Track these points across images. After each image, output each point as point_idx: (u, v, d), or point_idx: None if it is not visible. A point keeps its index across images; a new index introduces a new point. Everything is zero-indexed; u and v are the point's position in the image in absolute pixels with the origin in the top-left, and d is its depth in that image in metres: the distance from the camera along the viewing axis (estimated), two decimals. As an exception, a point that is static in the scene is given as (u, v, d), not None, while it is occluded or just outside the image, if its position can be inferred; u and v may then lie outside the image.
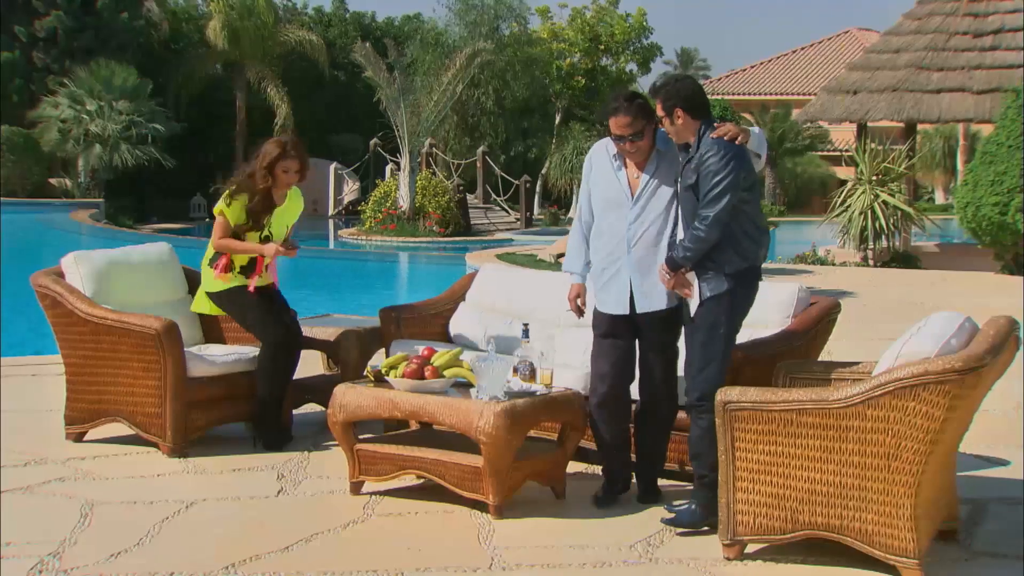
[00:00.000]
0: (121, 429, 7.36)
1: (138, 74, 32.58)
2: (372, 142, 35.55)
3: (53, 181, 32.60)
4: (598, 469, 6.39)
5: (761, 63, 51.86)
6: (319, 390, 7.62)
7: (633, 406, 6.19)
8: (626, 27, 38.72)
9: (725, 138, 5.58)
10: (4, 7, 32.90)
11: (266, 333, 7.23)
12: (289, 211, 7.43)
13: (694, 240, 5.57)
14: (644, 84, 40.88)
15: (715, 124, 5.67)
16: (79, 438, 7.38)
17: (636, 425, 6.19)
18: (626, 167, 5.95)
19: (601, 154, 6.06)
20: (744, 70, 51.54)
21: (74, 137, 31.34)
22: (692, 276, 5.65)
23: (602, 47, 39.09)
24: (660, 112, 5.68)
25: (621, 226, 5.91)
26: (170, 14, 38.67)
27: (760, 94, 47.62)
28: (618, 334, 6.00)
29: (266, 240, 7.29)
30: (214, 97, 37.63)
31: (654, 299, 5.89)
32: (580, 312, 6.19)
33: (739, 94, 46.90)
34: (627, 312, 5.93)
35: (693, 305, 5.70)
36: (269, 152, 7.19)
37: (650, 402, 6.11)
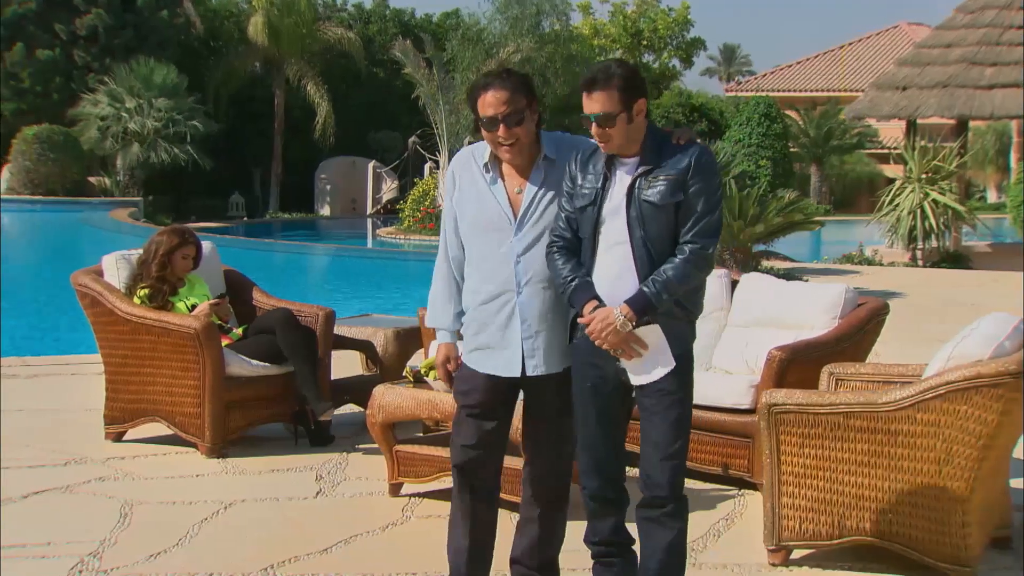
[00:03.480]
0: (160, 429, 7.35)
1: (177, 72, 32.71)
2: (411, 140, 35.56)
3: (92, 179, 32.76)
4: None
5: (807, 59, 51.28)
6: (358, 391, 7.59)
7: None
8: (668, 21, 38.54)
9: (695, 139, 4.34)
10: (45, 5, 33.12)
11: (270, 325, 7.33)
12: (198, 286, 7.57)
13: (686, 275, 4.11)
14: (688, 81, 40.75)
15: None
16: (118, 438, 7.38)
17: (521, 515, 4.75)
18: (503, 179, 4.45)
19: (467, 165, 4.54)
20: (790, 66, 51.05)
21: (113, 135, 31.49)
22: (649, 330, 4.17)
23: (644, 43, 38.95)
24: (610, 107, 4.15)
25: (503, 258, 4.40)
26: (210, 12, 38.81)
27: (806, 90, 47.04)
28: (497, 404, 4.52)
29: (193, 308, 7.39)
30: (253, 95, 37.74)
31: (554, 356, 4.42)
32: (452, 386, 4.66)
33: (784, 91, 46.34)
34: (516, 374, 4.44)
35: (641, 369, 4.23)
36: (167, 242, 7.41)
37: (539, 485, 4.65)
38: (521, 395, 4.56)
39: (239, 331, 7.45)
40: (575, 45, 37.36)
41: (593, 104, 4.21)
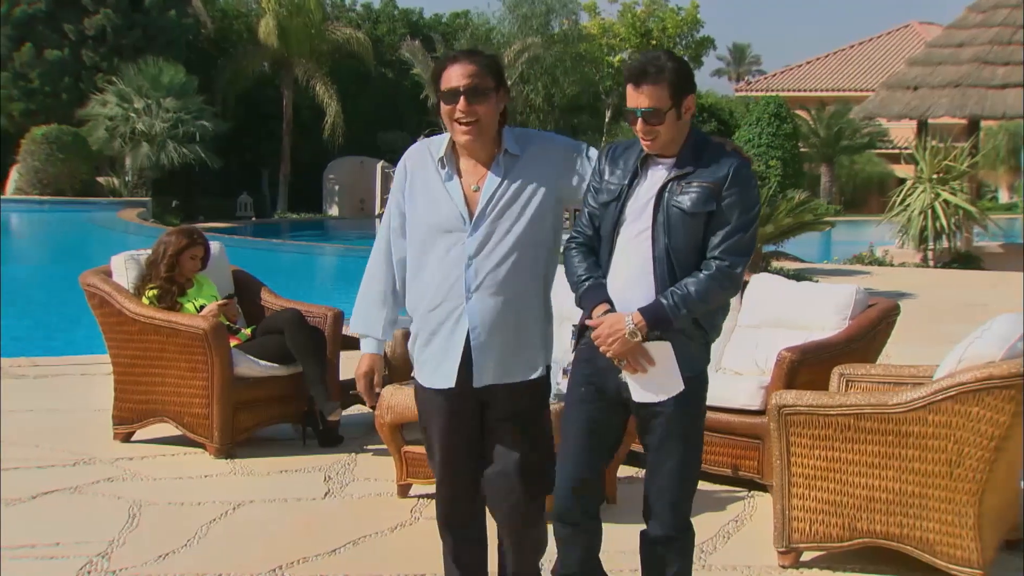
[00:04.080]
0: (168, 429, 7.35)
1: (186, 72, 32.74)
2: (419, 140, 35.52)
3: (101, 180, 32.80)
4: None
5: (817, 58, 51.14)
6: (367, 391, 7.57)
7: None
8: (678, 20, 38.50)
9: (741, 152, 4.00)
10: (54, 5, 33.17)
11: (279, 325, 7.33)
12: (207, 286, 7.55)
13: (709, 292, 3.81)
14: (697, 80, 40.75)
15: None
16: (127, 438, 7.38)
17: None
18: (459, 175, 4.11)
19: (421, 159, 4.21)
20: (800, 66, 50.94)
21: (121, 135, 31.50)
22: (659, 346, 3.85)
23: (653, 42, 38.91)
24: (660, 102, 3.85)
25: (454, 261, 4.05)
26: (218, 12, 38.85)
27: (816, 90, 46.90)
28: (463, 425, 4.15)
29: (201, 308, 7.37)
30: (261, 95, 37.75)
31: (509, 366, 4.08)
32: (373, 399, 4.49)
33: (795, 90, 46.22)
34: (452, 385, 4.08)
35: (645, 386, 3.91)
36: (175, 242, 7.40)
37: (494, 505, 4.23)
38: None
39: (247, 331, 7.45)
40: (584, 45, 37.34)
41: (641, 98, 3.87)
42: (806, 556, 5.24)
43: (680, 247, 3.85)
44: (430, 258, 4.10)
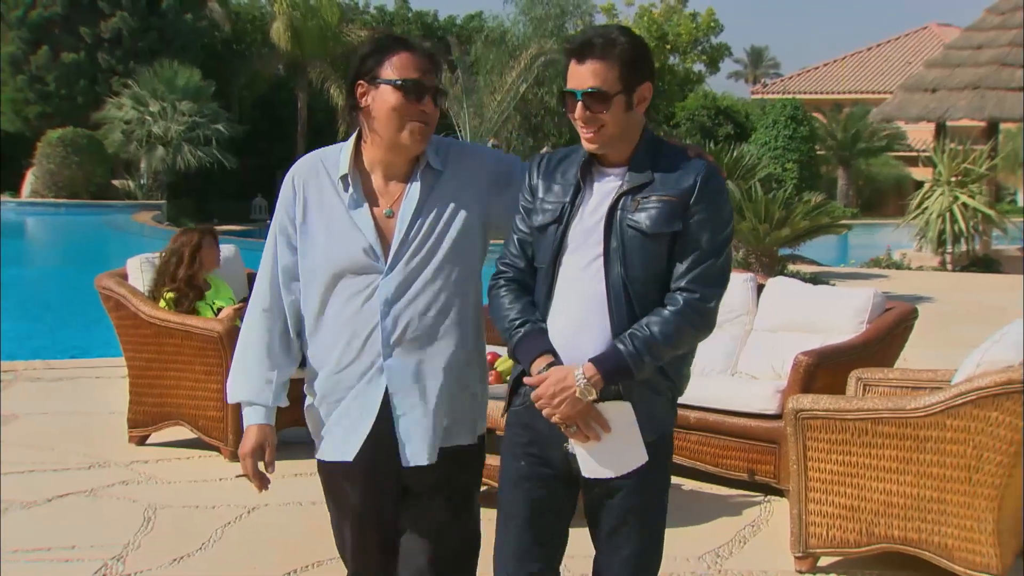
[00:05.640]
0: (183, 432, 7.34)
1: (201, 75, 32.81)
2: (434, 142, 35.56)
3: (116, 183, 32.93)
4: (675, 480, 6.26)
5: (835, 60, 51.05)
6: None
7: None
8: (692, 27, 38.47)
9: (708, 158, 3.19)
10: (70, 8, 33.28)
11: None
12: (223, 289, 7.54)
13: (676, 333, 3.02)
14: (713, 84, 40.71)
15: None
16: (142, 441, 7.38)
17: None
18: (368, 199, 3.27)
19: (314, 178, 3.33)
20: (817, 68, 50.85)
21: (137, 138, 31.62)
22: (616, 407, 3.06)
23: (668, 46, 38.88)
24: (606, 83, 3.05)
25: (368, 308, 3.23)
26: (233, 15, 38.95)
27: (834, 93, 46.78)
28: (382, 507, 3.36)
29: (219, 311, 7.36)
30: (276, 98, 37.83)
31: (446, 435, 3.31)
32: (262, 485, 3.43)
33: (811, 93, 46.13)
34: (365, 461, 3.29)
35: (598, 458, 3.10)
36: (189, 240, 7.40)
37: None
38: None
39: None
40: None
41: (583, 76, 3.06)
42: (823, 561, 5.21)
43: (639, 277, 3.05)
44: (334, 306, 3.26)
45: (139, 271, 7.56)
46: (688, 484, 6.48)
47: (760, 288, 7.21)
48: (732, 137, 29.51)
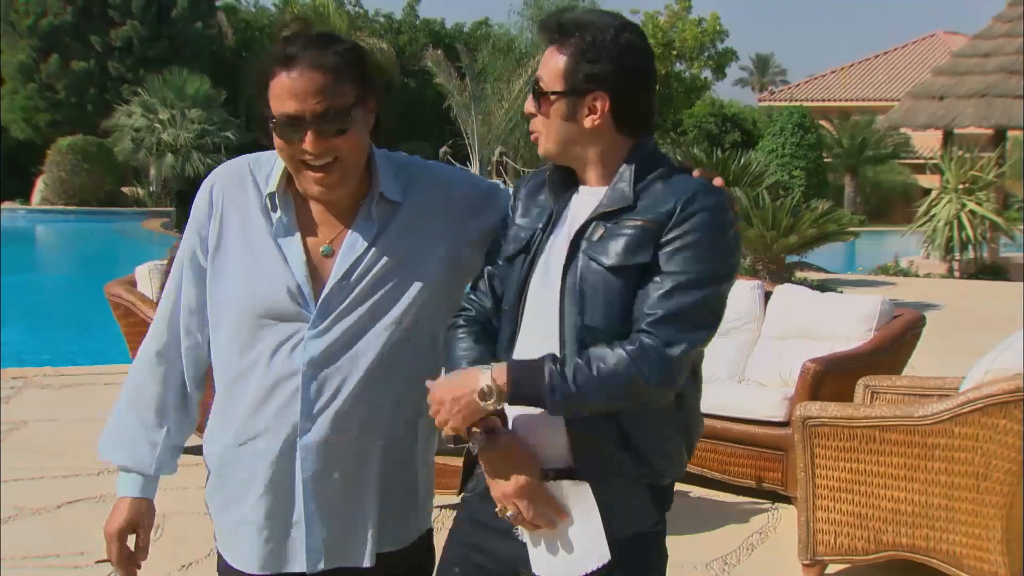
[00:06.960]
0: (193, 439, 7.33)
1: (211, 83, 32.90)
2: (442, 150, 35.59)
3: (126, 190, 33.02)
4: (682, 486, 6.28)
5: (842, 68, 51.03)
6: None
7: None
8: (697, 32, 38.50)
9: (714, 181, 2.44)
10: (80, 17, 33.40)
11: None
12: None
13: (621, 381, 2.29)
14: (720, 90, 40.77)
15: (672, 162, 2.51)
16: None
17: None
18: (302, 228, 2.55)
19: (243, 193, 2.61)
20: (824, 75, 50.86)
21: (147, 146, 31.72)
22: (573, 489, 2.42)
23: (675, 53, 38.90)
24: (553, 80, 2.42)
25: (284, 369, 2.51)
26: (242, 23, 39.05)
27: (841, 100, 46.78)
28: None
29: None
30: (285, 105, 37.91)
31: (379, 537, 2.62)
32: (132, 572, 2.89)
33: (819, 100, 46.09)
34: (270, 571, 2.61)
35: (553, 554, 2.46)
36: None
37: None
38: None
39: None
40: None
41: (540, 66, 2.46)
42: (831, 569, 5.22)
43: (600, 326, 2.36)
44: (244, 359, 2.55)
45: (148, 278, 7.57)
46: (695, 491, 6.48)
47: (767, 295, 7.22)
48: (739, 144, 29.52)
